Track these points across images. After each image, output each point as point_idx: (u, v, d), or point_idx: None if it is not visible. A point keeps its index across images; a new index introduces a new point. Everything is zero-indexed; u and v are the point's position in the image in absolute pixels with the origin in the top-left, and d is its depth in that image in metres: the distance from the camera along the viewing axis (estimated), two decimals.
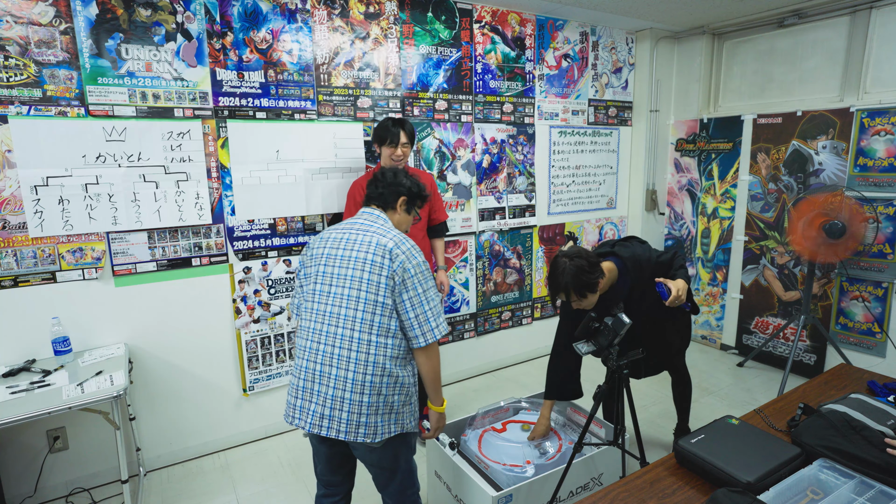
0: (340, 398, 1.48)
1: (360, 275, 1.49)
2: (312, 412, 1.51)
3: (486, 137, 3.40)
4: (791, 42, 3.50)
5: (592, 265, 1.82)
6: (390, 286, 1.49)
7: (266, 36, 2.58)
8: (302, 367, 1.55)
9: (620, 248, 2.06)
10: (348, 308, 1.49)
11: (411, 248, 1.55)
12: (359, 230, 1.58)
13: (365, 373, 1.48)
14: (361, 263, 1.50)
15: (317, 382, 1.51)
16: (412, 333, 1.52)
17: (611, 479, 2.12)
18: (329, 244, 1.58)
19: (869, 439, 1.31)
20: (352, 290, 1.49)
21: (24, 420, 1.74)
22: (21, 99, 2.11)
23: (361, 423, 1.48)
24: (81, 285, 2.30)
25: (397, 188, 1.70)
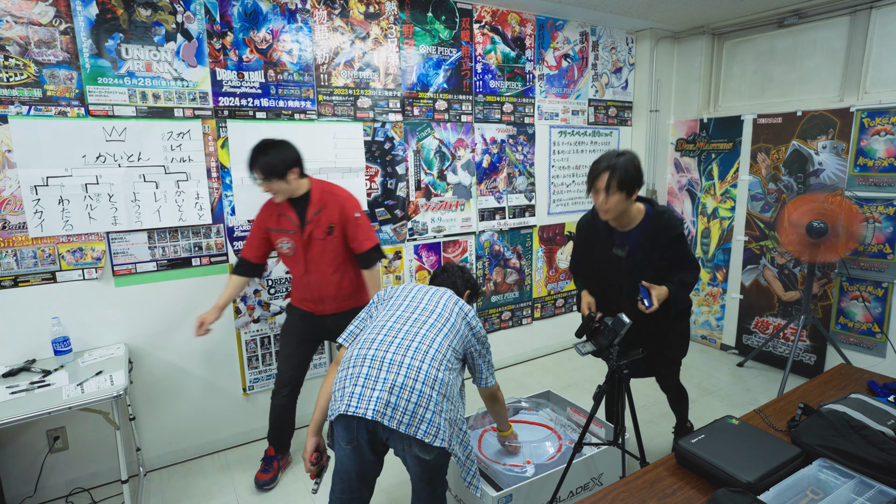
0: (410, 387, 1.44)
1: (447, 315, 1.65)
2: (377, 399, 1.43)
3: (486, 137, 3.40)
4: (791, 42, 3.51)
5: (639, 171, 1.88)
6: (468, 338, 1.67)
7: (266, 36, 2.58)
8: (367, 356, 1.51)
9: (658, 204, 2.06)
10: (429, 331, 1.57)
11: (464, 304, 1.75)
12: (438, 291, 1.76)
13: (438, 369, 1.50)
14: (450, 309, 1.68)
15: (384, 370, 1.47)
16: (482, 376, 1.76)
17: (611, 479, 2.12)
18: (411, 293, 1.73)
19: (869, 439, 1.31)
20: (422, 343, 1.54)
21: (24, 420, 1.74)
22: (21, 99, 2.11)
23: (425, 419, 1.44)
24: (81, 285, 2.31)
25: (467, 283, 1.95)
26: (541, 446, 2.16)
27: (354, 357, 1.53)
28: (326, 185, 2.32)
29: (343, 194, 2.31)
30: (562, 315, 4.01)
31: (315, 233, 2.24)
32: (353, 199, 2.32)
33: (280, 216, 2.26)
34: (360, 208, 2.32)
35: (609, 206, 1.86)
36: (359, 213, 2.29)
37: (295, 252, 2.27)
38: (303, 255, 2.27)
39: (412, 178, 3.13)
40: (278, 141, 2.18)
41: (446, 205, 3.29)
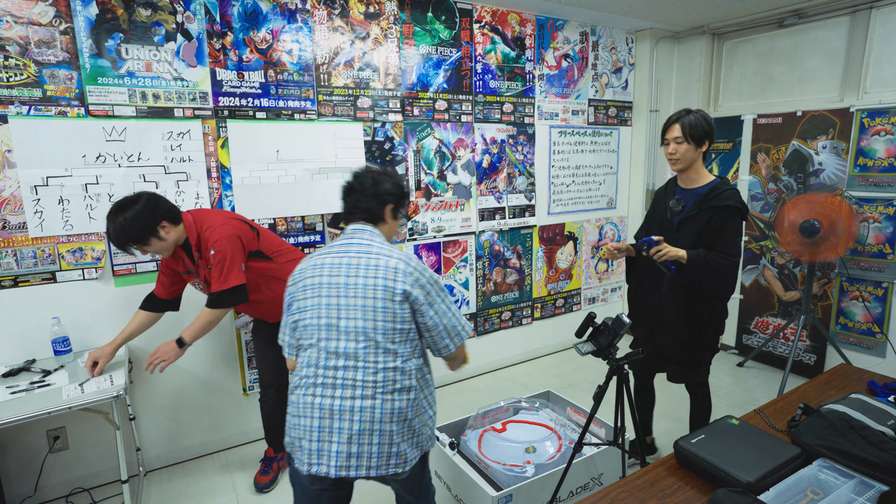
0: (370, 431, 1.34)
1: (372, 303, 1.36)
2: (336, 453, 1.34)
3: (486, 137, 3.40)
4: (791, 42, 3.51)
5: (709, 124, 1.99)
6: (409, 309, 1.39)
7: (266, 36, 2.58)
8: (313, 405, 1.37)
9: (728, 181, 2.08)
10: (367, 341, 1.36)
11: (418, 264, 1.44)
12: (358, 253, 1.42)
13: (393, 399, 1.37)
14: (372, 290, 1.37)
15: (336, 419, 1.34)
16: (442, 344, 1.46)
17: (611, 479, 2.12)
18: (326, 272, 1.41)
19: (869, 439, 1.31)
20: (367, 321, 1.36)
21: (24, 420, 1.74)
22: (21, 99, 2.11)
23: (393, 453, 1.37)
24: (81, 285, 2.30)
25: (382, 197, 1.53)
26: (541, 446, 2.16)
27: (302, 405, 1.38)
28: (198, 219, 2.07)
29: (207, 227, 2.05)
30: (562, 315, 4.00)
31: (209, 275, 2.08)
32: (217, 232, 2.02)
33: (178, 259, 2.11)
34: (221, 243, 2.00)
35: (679, 154, 2.02)
36: (214, 251, 2.01)
37: (205, 290, 2.18)
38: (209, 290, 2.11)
39: (412, 178, 3.13)
40: (132, 199, 1.91)
41: (446, 205, 3.29)
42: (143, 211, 1.89)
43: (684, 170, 2.08)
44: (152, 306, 2.20)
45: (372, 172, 1.56)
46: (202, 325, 2.06)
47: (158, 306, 2.21)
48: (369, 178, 1.54)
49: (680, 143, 2.01)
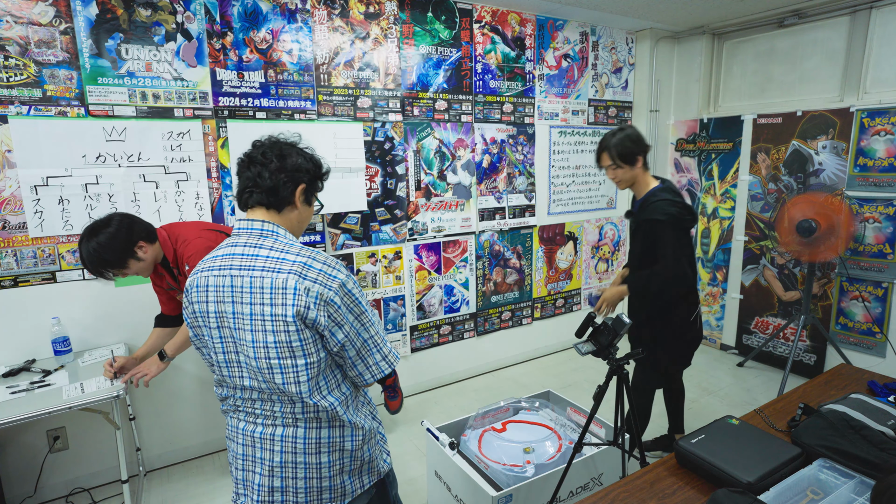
0: (293, 463, 1.15)
1: (262, 338, 1.09)
2: (258, 486, 1.17)
3: (486, 137, 3.40)
4: (791, 42, 3.50)
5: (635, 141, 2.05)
6: (313, 336, 1.10)
7: (266, 36, 2.58)
8: (238, 429, 1.19)
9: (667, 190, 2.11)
10: (266, 382, 1.12)
11: (323, 268, 1.10)
12: (241, 267, 1.11)
13: (320, 429, 1.16)
14: (260, 322, 1.09)
15: (258, 447, 1.16)
16: (354, 373, 1.17)
17: (611, 479, 2.12)
18: (212, 296, 1.14)
19: (869, 439, 1.31)
20: (259, 360, 1.10)
21: (24, 420, 1.74)
22: (21, 99, 2.11)
23: (324, 487, 1.17)
24: (81, 285, 2.30)
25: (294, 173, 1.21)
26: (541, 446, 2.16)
27: (231, 427, 1.22)
28: (172, 234, 2.03)
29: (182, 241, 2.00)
30: (562, 315, 4.00)
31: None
32: (191, 246, 1.97)
33: (161, 276, 2.10)
34: (195, 257, 1.92)
35: (617, 178, 2.12)
36: (188, 266, 1.97)
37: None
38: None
39: (412, 178, 3.13)
40: (102, 222, 1.85)
41: (446, 205, 3.29)
42: (118, 233, 1.82)
43: (630, 187, 2.17)
44: (162, 323, 2.22)
45: (279, 143, 1.25)
46: (183, 339, 2.06)
47: (169, 322, 2.21)
48: (276, 149, 1.22)
49: (614, 169, 2.10)
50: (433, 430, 2.17)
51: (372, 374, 1.18)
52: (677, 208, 2.03)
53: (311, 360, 1.10)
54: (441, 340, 3.41)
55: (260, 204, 1.20)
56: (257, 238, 1.16)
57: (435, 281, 3.33)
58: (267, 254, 1.12)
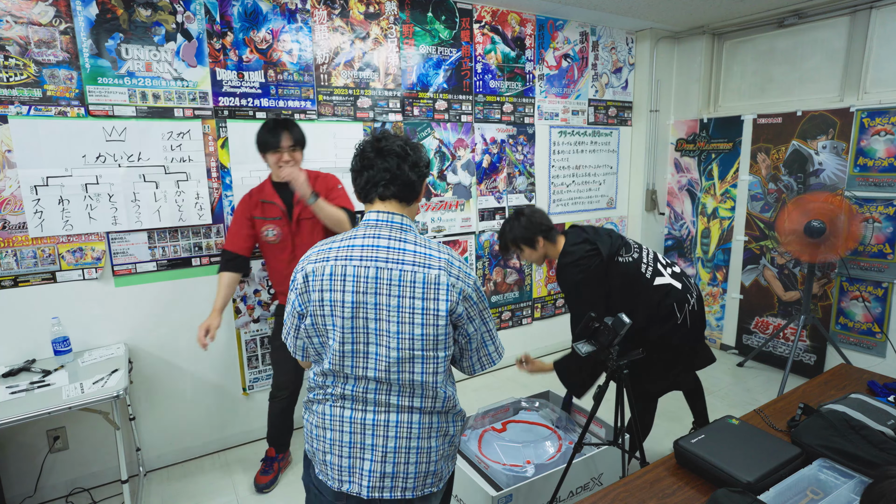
0: (406, 448, 1.18)
1: (409, 329, 1.13)
2: (370, 472, 1.17)
3: (486, 137, 3.40)
4: (791, 42, 3.51)
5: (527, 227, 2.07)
6: (451, 329, 1.17)
7: (266, 36, 2.58)
8: (342, 418, 1.20)
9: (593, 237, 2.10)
10: (401, 373, 1.15)
11: (461, 266, 1.19)
12: (388, 259, 1.14)
13: (432, 413, 1.20)
14: (409, 314, 1.12)
15: (369, 434, 1.18)
16: (468, 363, 1.26)
17: (611, 479, 2.12)
18: (350, 286, 1.14)
19: (869, 439, 1.31)
20: (402, 351, 1.14)
21: (24, 420, 1.74)
22: (21, 99, 2.11)
23: (430, 472, 1.22)
24: (81, 285, 2.30)
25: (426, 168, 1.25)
26: (541, 446, 2.16)
27: (329, 416, 1.21)
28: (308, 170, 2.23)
29: (324, 174, 2.30)
30: (562, 315, 4.00)
31: (304, 213, 2.21)
32: (335, 177, 2.29)
33: (264, 204, 2.25)
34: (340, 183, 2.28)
35: (528, 260, 2.18)
36: (340, 185, 2.27)
37: (282, 238, 2.25)
38: (290, 241, 2.25)
39: None
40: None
41: (446, 205, 3.29)
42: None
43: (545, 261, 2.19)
44: (233, 266, 2.29)
45: (404, 136, 1.27)
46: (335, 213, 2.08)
47: (237, 265, 2.30)
48: (410, 142, 1.23)
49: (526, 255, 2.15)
50: None
51: (482, 365, 1.28)
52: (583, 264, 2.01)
53: (449, 352, 1.19)
54: None
55: (394, 197, 1.21)
56: (399, 231, 1.19)
57: None
58: (414, 248, 1.16)
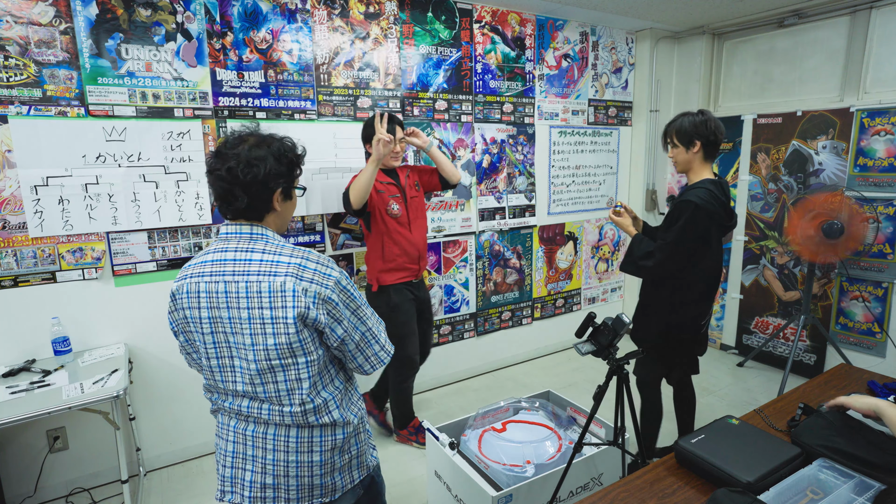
0: (284, 462, 1.16)
1: (262, 340, 1.11)
2: (250, 482, 1.18)
3: (486, 137, 3.40)
4: (791, 42, 3.51)
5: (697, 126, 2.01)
6: (311, 334, 1.13)
7: (266, 36, 2.58)
8: (229, 427, 1.21)
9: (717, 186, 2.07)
10: (265, 384, 1.13)
11: (318, 267, 1.13)
12: (234, 272, 1.12)
13: (311, 426, 1.17)
14: (260, 325, 1.10)
15: (250, 445, 1.18)
16: (354, 364, 1.22)
17: (611, 479, 2.12)
18: (204, 302, 1.14)
19: (869, 439, 1.31)
20: (259, 362, 1.12)
21: (24, 420, 1.74)
22: (21, 99, 2.11)
23: (315, 484, 1.19)
24: (81, 285, 2.30)
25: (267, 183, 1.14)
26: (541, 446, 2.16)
27: (221, 424, 1.23)
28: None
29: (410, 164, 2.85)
30: (562, 315, 4.00)
31: (410, 193, 2.61)
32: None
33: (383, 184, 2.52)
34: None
35: (673, 157, 2.12)
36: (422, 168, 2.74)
37: (402, 213, 2.55)
38: (407, 215, 2.57)
39: None
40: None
41: (446, 205, 3.29)
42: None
43: (684, 171, 2.13)
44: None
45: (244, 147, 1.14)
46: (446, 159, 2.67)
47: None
48: (241, 157, 1.12)
49: (672, 146, 2.11)
50: (433, 429, 2.17)
51: (371, 365, 1.22)
52: (717, 204, 1.99)
53: (311, 357, 1.14)
54: (441, 340, 3.41)
55: (239, 216, 1.17)
56: (247, 242, 1.16)
57: (435, 281, 3.33)
58: (260, 258, 1.13)
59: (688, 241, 1.96)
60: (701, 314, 2.12)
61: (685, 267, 2.02)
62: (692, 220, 1.95)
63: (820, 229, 2.96)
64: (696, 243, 1.98)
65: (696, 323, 2.12)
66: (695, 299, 2.09)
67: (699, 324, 2.13)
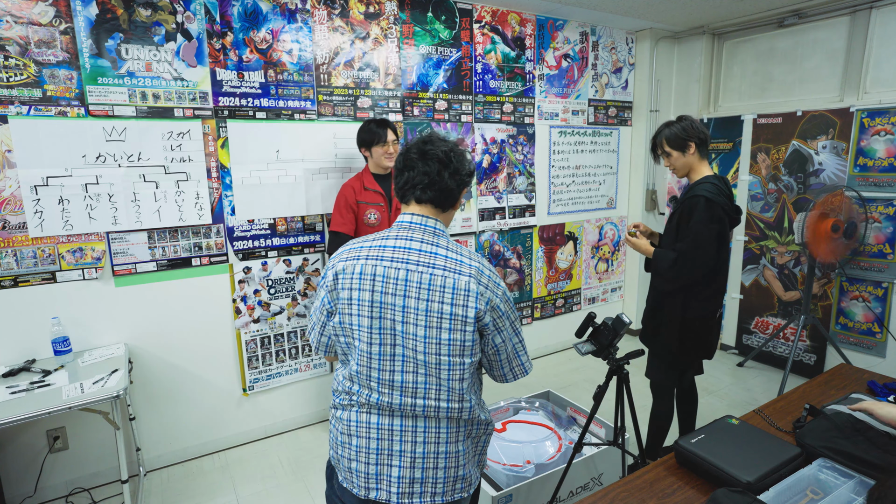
0: (435, 454, 1.17)
1: (437, 334, 1.12)
2: (398, 479, 1.17)
3: (486, 137, 3.40)
4: (791, 42, 3.51)
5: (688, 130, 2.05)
6: (477, 337, 1.16)
7: (266, 36, 2.58)
8: (369, 424, 1.18)
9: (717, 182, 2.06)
10: (428, 376, 1.15)
11: (491, 275, 1.18)
12: (419, 263, 1.15)
13: (459, 419, 1.20)
14: (437, 319, 1.12)
15: (397, 441, 1.17)
16: (499, 373, 1.25)
17: (611, 479, 2.12)
18: (379, 286, 1.14)
19: (873, 440, 1.31)
20: (429, 355, 1.13)
21: (24, 420, 1.74)
22: (21, 99, 2.11)
23: (459, 476, 1.21)
24: (81, 285, 2.30)
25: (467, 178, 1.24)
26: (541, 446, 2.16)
27: (356, 422, 1.20)
28: None
29: None
30: (562, 315, 4.00)
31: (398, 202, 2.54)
32: None
33: (367, 191, 2.54)
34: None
35: (671, 165, 2.13)
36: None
37: (381, 222, 2.57)
38: (387, 224, 2.59)
39: None
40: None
41: None
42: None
43: (685, 175, 2.15)
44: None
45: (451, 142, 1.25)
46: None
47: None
48: (455, 150, 1.23)
49: (666, 156, 2.13)
50: None
51: (514, 375, 1.26)
52: (724, 198, 2.00)
53: (475, 359, 1.17)
54: None
55: (431, 201, 1.22)
56: (432, 236, 1.20)
57: None
58: (446, 254, 1.17)
59: (709, 237, 1.94)
60: (716, 307, 2.13)
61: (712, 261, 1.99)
62: (708, 214, 1.94)
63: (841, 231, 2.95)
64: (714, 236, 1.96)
65: (713, 316, 2.12)
66: (710, 295, 2.08)
67: (716, 317, 2.13)
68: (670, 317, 2.10)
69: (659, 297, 2.16)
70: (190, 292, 2.55)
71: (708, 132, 2.10)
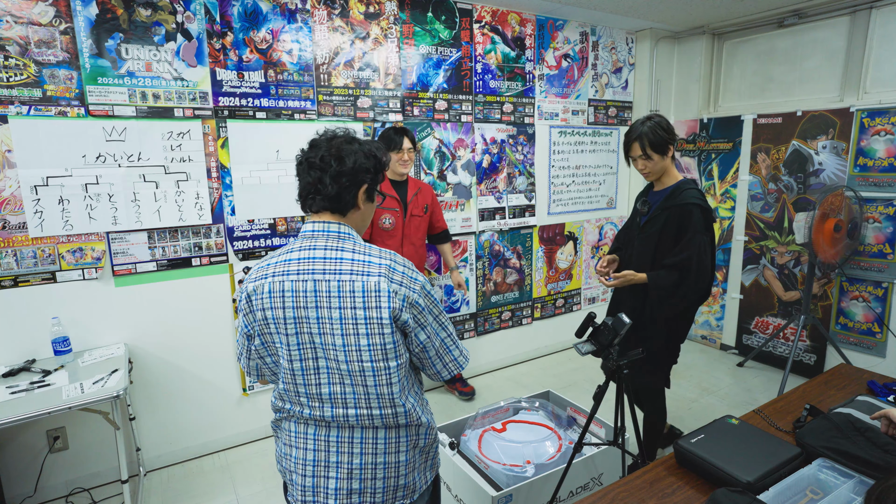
0: (373, 465, 1.15)
1: (355, 341, 1.09)
2: (335, 490, 1.15)
3: (486, 137, 3.40)
4: (791, 42, 3.50)
5: (667, 130, 1.97)
6: (399, 338, 1.13)
7: (266, 36, 2.58)
8: (307, 435, 1.17)
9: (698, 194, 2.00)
10: (354, 386, 1.12)
11: (405, 270, 1.13)
12: (325, 271, 1.10)
13: (397, 427, 1.17)
14: (352, 325, 1.08)
15: (333, 452, 1.15)
16: (433, 371, 1.22)
17: (611, 479, 2.12)
18: (290, 301, 1.11)
19: (873, 441, 1.31)
20: (350, 363, 1.10)
21: (24, 420, 1.74)
22: (21, 99, 2.11)
23: (400, 485, 1.19)
24: (81, 285, 2.30)
25: (356, 175, 1.16)
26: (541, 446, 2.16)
27: (294, 433, 1.19)
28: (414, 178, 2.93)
29: (427, 185, 2.95)
30: (562, 315, 4.00)
31: (414, 210, 2.78)
32: (432, 190, 2.97)
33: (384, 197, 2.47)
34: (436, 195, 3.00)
35: (650, 169, 2.03)
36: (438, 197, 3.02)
37: (395, 227, 2.71)
38: (401, 229, 2.74)
39: None
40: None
41: (446, 205, 3.29)
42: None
43: (658, 177, 2.08)
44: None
45: (337, 140, 1.17)
46: (451, 252, 3.11)
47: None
48: (333, 150, 1.15)
49: (646, 159, 2.00)
50: None
51: (449, 371, 1.23)
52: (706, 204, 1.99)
53: (401, 361, 1.13)
54: None
55: (326, 209, 1.17)
56: (336, 241, 1.14)
57: (435, 281, 3.33)
58: (352, 257, 1.11)
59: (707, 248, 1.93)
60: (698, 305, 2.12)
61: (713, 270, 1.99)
62: (704, 224, 1.93)
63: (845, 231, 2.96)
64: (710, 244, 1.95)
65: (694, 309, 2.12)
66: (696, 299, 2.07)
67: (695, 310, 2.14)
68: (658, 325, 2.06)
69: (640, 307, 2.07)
70: (190, 292, 2.55)
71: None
